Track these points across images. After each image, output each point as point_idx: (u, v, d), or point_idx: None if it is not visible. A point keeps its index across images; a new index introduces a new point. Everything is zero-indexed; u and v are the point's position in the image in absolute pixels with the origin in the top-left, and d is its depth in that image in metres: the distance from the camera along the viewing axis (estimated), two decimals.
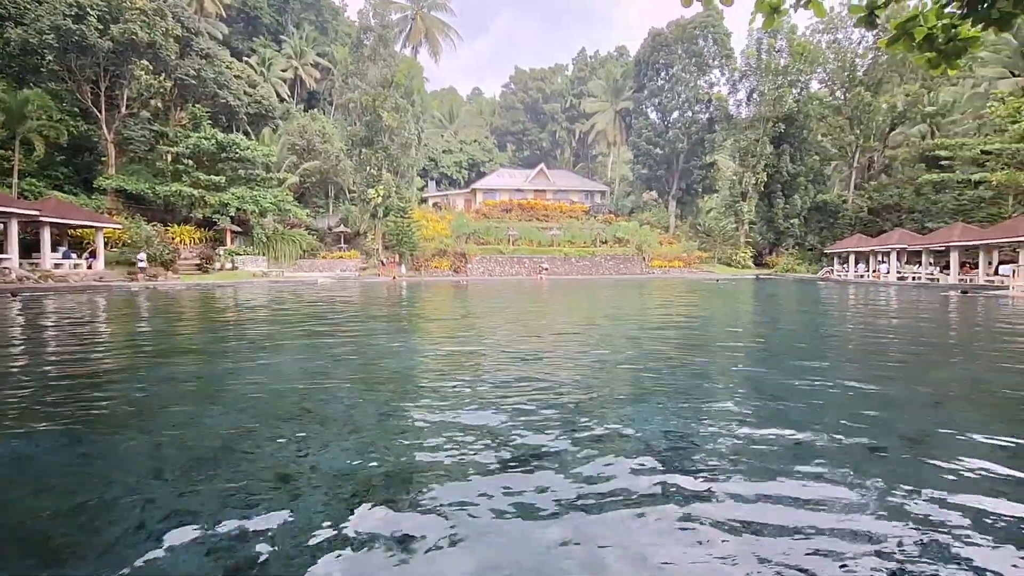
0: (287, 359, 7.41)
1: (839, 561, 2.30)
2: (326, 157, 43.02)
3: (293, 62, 57.55)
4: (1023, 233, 24.85)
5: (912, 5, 3.38)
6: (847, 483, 3.11)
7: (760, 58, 48.66)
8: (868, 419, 4.50)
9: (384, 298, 20.37)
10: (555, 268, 44.73)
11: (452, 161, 66.49)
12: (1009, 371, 6.87)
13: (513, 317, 13.93)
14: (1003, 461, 3.50)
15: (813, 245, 48.57)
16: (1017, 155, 31.81)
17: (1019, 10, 3.45)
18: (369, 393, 5.39)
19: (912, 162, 44.58)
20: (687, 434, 4.03)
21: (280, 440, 3.86)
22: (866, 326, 12.32)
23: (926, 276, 32.56)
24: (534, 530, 2.58)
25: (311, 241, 40.17)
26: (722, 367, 7.13)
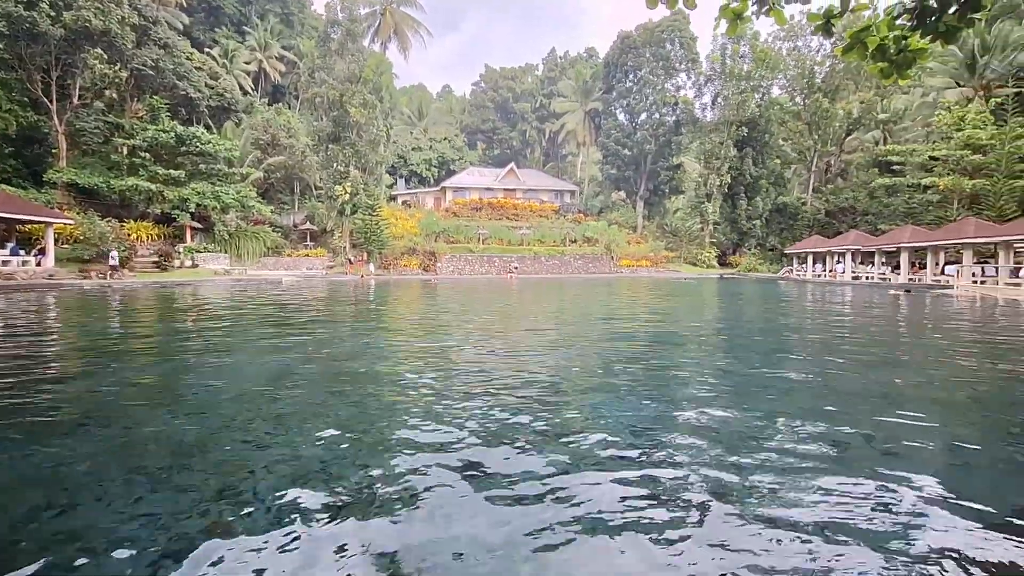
0: (248, 359, 7.23)
1: (795, 544, 2.41)
2: (291, 152, 42.04)
3: (257, 54, 56.00)
4: (966, 235, 26.25)
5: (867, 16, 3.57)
6: (802, 471, 3.24)
7: (724, 63, 49.93)
8: (821, 410, 4.70)
9: (351, 297, 20.06)
10: (525, 267, 44.88)
11: (422, 159, 65.91)
12: (947, 364, 7.26)
13: (483, 315, 13.93)
14: (932, 444, 3.70)
15: (774, 246, 50.17)
16: (961, 161, 33.58)
17: (963, 24, 3.64)
18: (335, 393, 5.31)
19: (866, 167, 46.50)
20: (653, 427, 4.12)
21: (239, 442, 3.78)
22: (818, 323, 12.81)
23: (878, 276, 34.03)
24: (503, 522, 2.61)
25: (276, 238, 39.19)
26: (688, 362, 7.30)
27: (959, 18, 3.55)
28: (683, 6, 3.64)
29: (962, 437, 4.12)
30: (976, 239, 25.83)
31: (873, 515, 2.71)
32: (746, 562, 2.28)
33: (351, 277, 35.58)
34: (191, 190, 33.02)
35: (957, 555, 2.35)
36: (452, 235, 46.88)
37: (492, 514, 2.71)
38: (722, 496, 2.91)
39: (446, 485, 3.03)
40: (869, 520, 2.66)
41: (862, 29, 3.74)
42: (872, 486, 3.05)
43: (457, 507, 2.78)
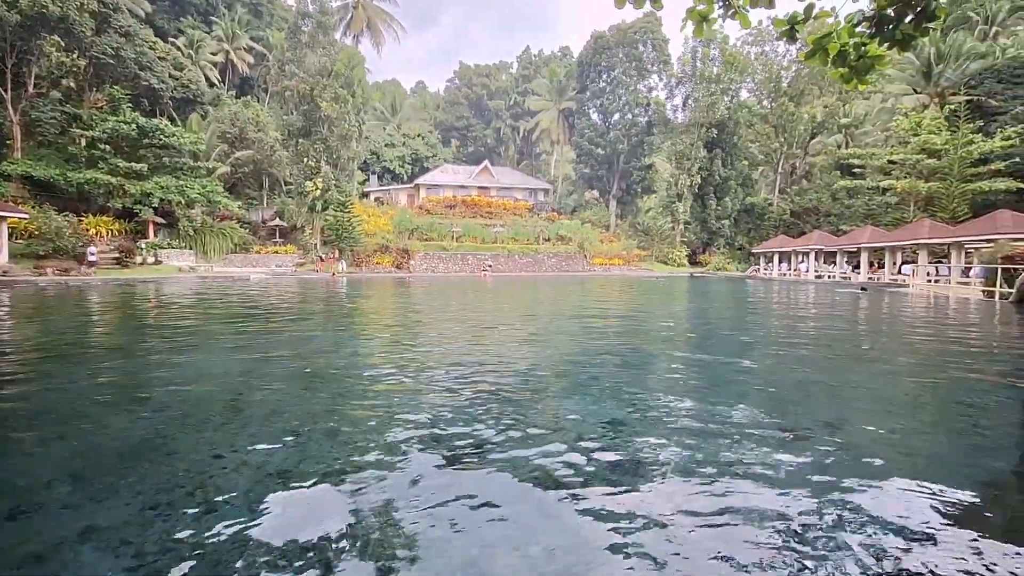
0: (213, 358, 7.08)
1: (755, 535, 2.51)
2: (260, 147, 41.07)
3: (224, 45, 54.44)
4: (921, 236, 27.42)
5: (829, 23, 3.74)
6: (763, 463, 3.36)
7: (695, 66, 50.94)
8: (782, 400, 4.88)
9: (322, 295, 19.76)
10: (499, 265, 44.91)
11: (395, 155, 65.22)
12: (898, 357, 7.61)
13: (457, 313, 13.91)
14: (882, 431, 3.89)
15: (742, 245, 51.45)
16: (917, 165, 35.04)
17: (918, 33, 3.82)
18: (303, 392, 5.24)
19: (829, 169, 48.08)
20: (625, 420, 4.21)
21: (202, 443, 3.70)
22: (782, 321, 13.22)
23: (840, 275, 35.26)
24: (473, 521, 2.64)
25: (243, 235, 38.24)
26: (658, 356, 7.46)
27: (915, 27, 3.73)
28: (650, 6, 3.72)
29: (911, 426, 4.34)
30: (930, 240, 26.99)
31: (834, 508, 2.84)
32: (709, 554, 2.37)
33: (322, 275, 35.01)
34: (154, 184, 31.97)
35: (908, 539, 2.48)
36: (426, 233, 46.57)
37: (463, 514, 2.74)
38: (685, 482, 3.01)
39: (417, 482, 3.04)
40: (835, 516, 2.78)
41: (824, 35, 3.90)
42: (831, 478, 3.19)
43: (431, 507, 2.79)
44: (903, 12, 3.72)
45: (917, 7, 3.70)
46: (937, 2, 3.69)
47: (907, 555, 2.31)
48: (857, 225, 39.49)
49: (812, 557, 2.28)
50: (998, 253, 19.17)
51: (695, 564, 2.24)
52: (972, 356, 7.85)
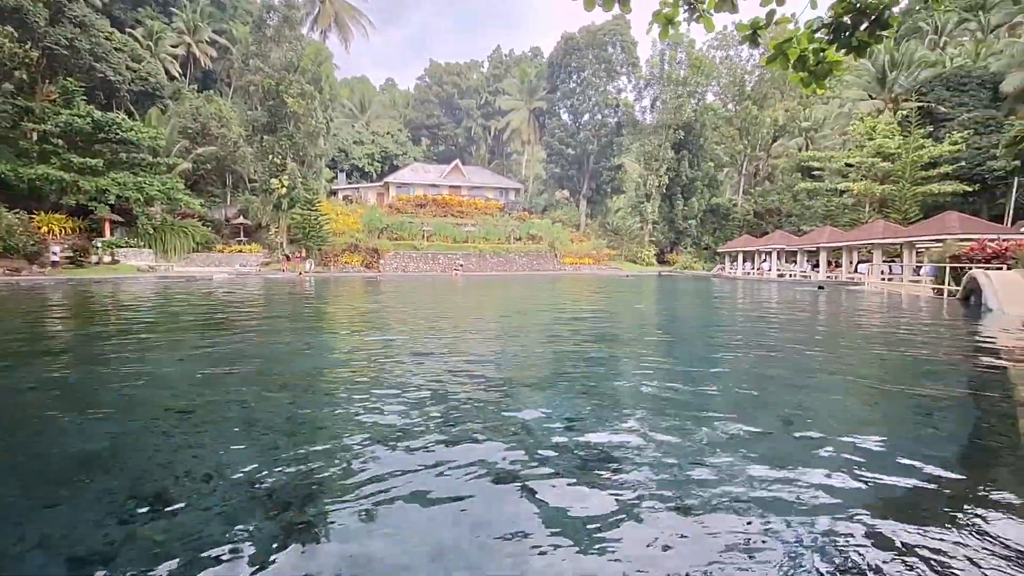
0: (172, 361, 6.86)
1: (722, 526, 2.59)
2: (223, 143, 39.87)
3: (186, 37, 52.65)
4: (876, 236, 28.59)
5: (790, 28, 3.88)
6: (728, 457, 3.46)
7: (663, 68, 51.89)
8: (746, 392, 5.03)
9: (287, 296, 19.35)
10: (470, 265, 44.78)
11: (364, 153, 64.29)
12: (852, 350, 7.93)
13: (427, 312, 13.82)
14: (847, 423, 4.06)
15: (708, 244, 52.67)
16: (872, 168, 36.51)
17: (873, 40, 3.99)
18: (266, 396, 5.12)
19: (790, 171, 49.66)
20: (591, 418, 4.27)
21: (158, 449, 3.58)
22: (743, 316, 13.61)
23: (800, 274, 36.45)
24: (439, 519, 2.64)
25: (205, 233, 37.06)
26: (627, 354, 7.58)
27: (869, 34, 3.90)
28: (619, 9, 3.78)
29: (865, 414, 4.53)
30: (884, 240, 28.16)
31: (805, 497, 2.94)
32: (678, 544, 2.43)
33: (288, 275, 34.26)
34: (110, 180, 30.69)
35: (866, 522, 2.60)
36: (396, 232, 46.06)
37: (435, 514, 2.73)
38: (657, 479, 3.07)
39: (387, 485, 3.02)
40: (802, 511, 2.88)
41: (785, 41, 4.04)
42: (802, 467, 3.31)
43: (400, 508, 2.77)
44: (859, 20, 3.88)
45: (872, 16, 3.87)
46: (890, 11, 3.87)
47: (858, 541, 2.42)
48: (817, 225, 40.88)
49: (771, 549, 2.36)
50: (946, 253, 20.13)
51: (653, 558, 2.29)
52: (919, 347, 8.23)
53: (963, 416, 4.66)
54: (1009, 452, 3.56)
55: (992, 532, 2.45)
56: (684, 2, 4.02)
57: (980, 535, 2.43)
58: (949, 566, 2.18)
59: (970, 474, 3.27)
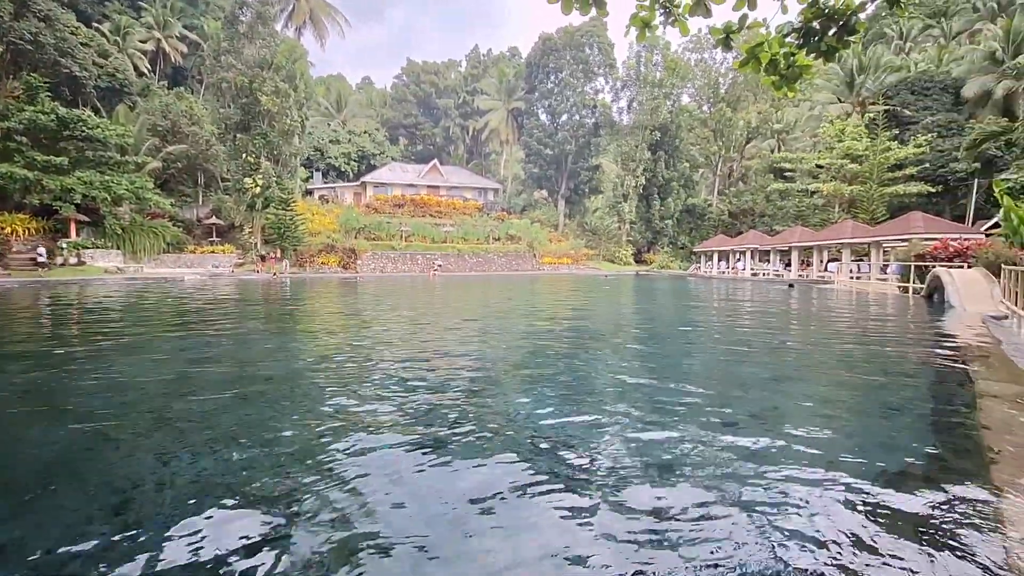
0: (141, 365, 6.70)
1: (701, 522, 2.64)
2: (194, 141, 38.93)
3: (155, 33, 51.19)
4: (845, 236, 29.39)
5: (762, 32, 4.00)
6: (703, 451, 3.54)
7: (639, 70, 52.47)
8: (720, 388, 5.13)
9: (261, 297, 19.02)
10: (449, 265, 44.62)
11: (340, 152, 63.46)
12: (822, 345, 8.16)
13: (405, 313, 13.74)
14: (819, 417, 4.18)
15: (684, 244, 53.46)
16: (842, 169, 37.51)
17: (841, 45, 4.11)
18: (240, 400, 5.04)
19: (763, 172, 50.71)
20: (570, 415, 4.32)
21: (128, 455, 3.50)
22: (718, 313, 13.87)
23: (773, 272, 37.27)
24: (421, 524, 2.64)
25: (176, 233, 36.15)
26: (605, 352, 7.66)
27: (837, 39, 4.02)
28: (596, 11, 3.83)
29: (832, 407, 4.67)
30: (852, 240, 28.97)
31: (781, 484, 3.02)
32: (651, 537, 2.48)
33: (262, 275, 33.64)
34: (76, 179, 29.68)
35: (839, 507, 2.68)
36: (373, 232, 45.62)
37: (405, 519, 2.73)
38: (633, 472, 3.12)
39: (361, 490, 3.00)
40: (778, 497, 2.96)
41: (756, 45, 4.13)
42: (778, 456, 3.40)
43: (378, 515, 2.77)
44: (827, 25, 4.00)
45: (839, 21, 3.99)
46: (857, 17, 3.99)
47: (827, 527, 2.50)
48: (788, 225, 41.83)
49: (750, 543, 2.42)
50: (911, 252, 20.80)
51: (629, 552, 2.34)
52: (885, 343, 8.51)
53: (925, 409, 4.84)
54: (968, 442, 3.71)
55: (948, 518, 2.56)
56: (659, 6, 4.10)
57: (937, 519, 2.54)
58: (908, 550, 2.27)
59: (930, 463, 3.40)
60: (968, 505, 2.68)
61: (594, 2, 3.87)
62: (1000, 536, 2.29)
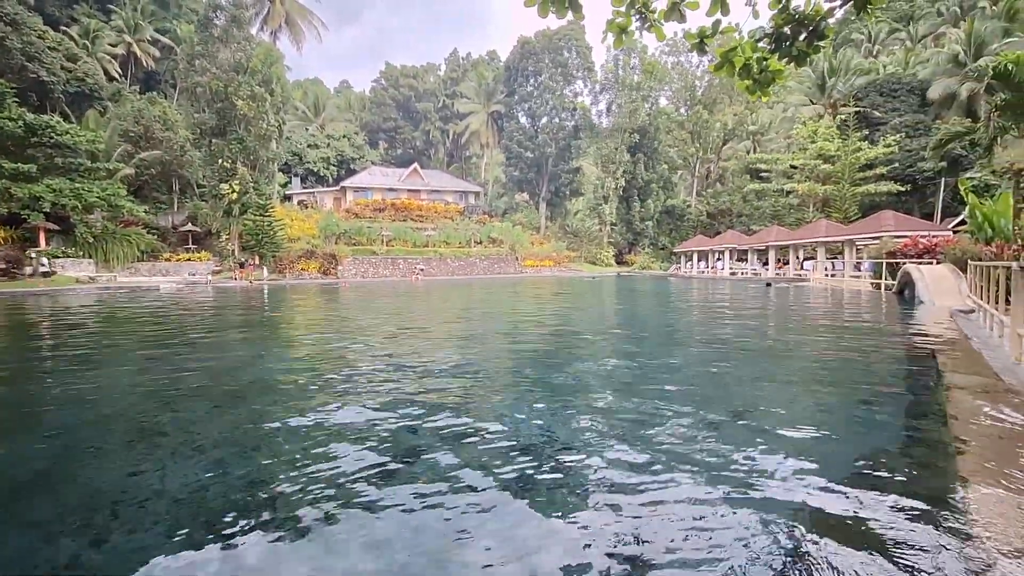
0: (116, 378, 6.57)
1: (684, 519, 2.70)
2: (168, 146, 38.15)
3: (125, 36, 50.13)
4: (819, 235, 30.06)
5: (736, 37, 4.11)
6: (685, 447, 3.61)
7: (617, 73, 53.04)
8: (702, 385, 5.23)
9: (240, 305, 18.74)
10: (431, 269, 44.45)
11: (319, 156, 62.81)
12: (802, 340, 8.35)
13: (390, 319, 13.66)
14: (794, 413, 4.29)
15: (664, 245, 54.10)
16: (815, 170, 38.38)
17: (811, 50, 4.23)
18: (217, 412, 4.96)
19: (740, 173, 51.59)
20: (556, 413, 4.36)
21: (103, 470, 3.43)
22: (699, 312, 14.09)
23: (751, 271, 37.91)
24: (408, 530, 2.65)
25: (151, 241, 35.37)
26: (589, 352, 7.73)
27: (807, 44, 4.14)
28: (572, 15, 3.89)
29: (809, 401, 4.80)
30: (827, 238, 29.65)
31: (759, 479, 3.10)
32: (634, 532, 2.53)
33: (241, 283, 33.12)
34: (45, 187, 28.87)
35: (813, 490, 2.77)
36: (354, 237, 45.22)
37: (393, 526, 2.74)
38: (616, 472, 3.18)
39: (343, 501, 3.00)
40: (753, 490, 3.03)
41: (730, 49, 4.24)
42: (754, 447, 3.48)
43: (358, 528, 2.77)
44: (797, 31, 4.11)
45: (809, 26, 4.11)
46: (826, 22, 4.12)
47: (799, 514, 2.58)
48: (765, 225, 42.62)
49: (729, 538, 2.49)
50: (883, 249, 21.37)
51: (614, 545, 2.38)
52: (858, 338, 8.74)
53: (897, 401, 5.00)
54: (936, 432, 3.84)
55: (915, 506, 2.66)
56: (635, 12, 4.18)
57: (906, 507, 2.63)
58: (881, 537, 2.36)
59: (901, 453, 3.52)
60: (935, 493, 2.79)
61: (570, 6, 3.94)
62: (965, 523, 2.39)
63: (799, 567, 2.15)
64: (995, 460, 2.89)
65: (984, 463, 2.88)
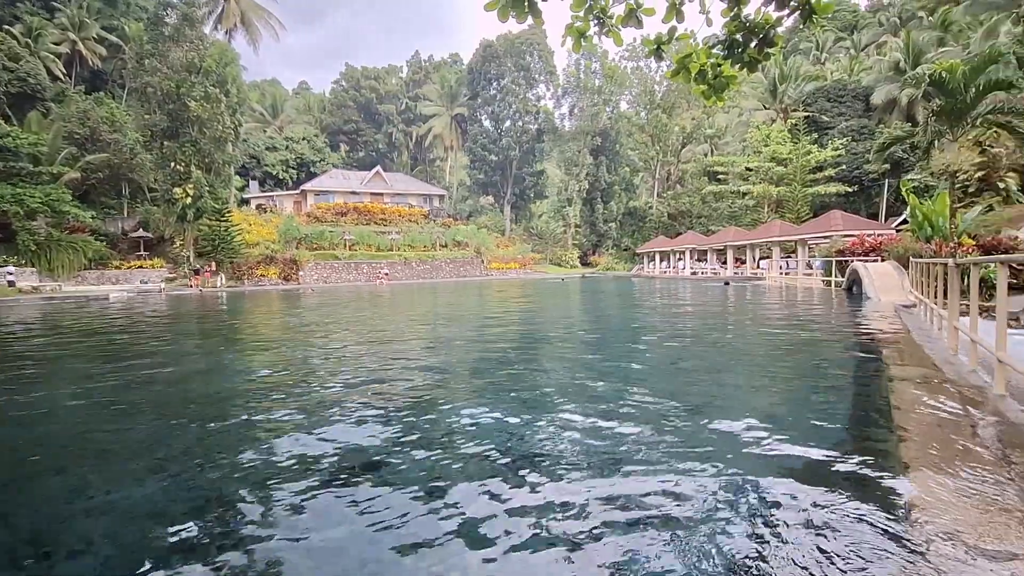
0: (61, 392, 6.25)
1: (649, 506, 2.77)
2: (117, 149, 36.50)
3: (70, 34, 47.64)
4: (774, 235, 31.18)
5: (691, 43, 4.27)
6: (649, 442, 3.70)
7: (579, 77, 53.76)
8: (664, 382, 5.36)
9: (193, 314, 18.10)
10: (396, 273, 43.95)
11: (278, 159, 61.22)
12: (758, 334, 8.66)
13: (355, 324, 13.45)
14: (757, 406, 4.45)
15: (628, 246, 55.06)
16: (769, 172, 39.84)
17: (762, 57, 4.40)
18: (170, 424, 4.78)
19: (698, 175, 53.00)
20: (524, 416, 4.39)
21: (50, 486, 3.28)
22: (662, 310, 14.41)
23: (711, 271, 38.98)
24: (371, 540, 2.63)
25: (99, 248, 33.73)
26: (556, 351, 7.80)
27: (759, 51, 4.30)
28: (532, 20, 3.94)
29: (765, 394, 4.98)
30: (781, 238, 30.77)
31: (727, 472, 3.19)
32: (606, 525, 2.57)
33: (196, 290, 31.95)
34: None
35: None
36: (315, 241, 44.24)
37: (354, 532, 2.71)
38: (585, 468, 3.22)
39: (308, 511, 2.94)
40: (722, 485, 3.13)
41: (685, 56, 4.37)
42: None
43: (324, 538, 2.72)
44: (749, 38, 4.27)
45: (760, 34, 4.27)
46: (775, 30, 4.29)
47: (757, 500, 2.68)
48: (723, 226, 43.92)
49: (695, 531, 2.56)
50: (833, 248, 22.34)
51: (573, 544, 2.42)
52: (810, 333, 9.12)
53: (845, 392, 5.25)
54: (882, 421, 4.05)
55: (862, 491, 2.80)
56: (594, 17, 4.26)
57: (853, 492, 2.77)
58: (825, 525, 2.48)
59: (849, 441, 3.70)
60: (880, 479, 2.94)
61: (530, 11, 3.98)
62: (906, 507, 2.53)
63: (750, 550, 2.23)
64: (935, 447, 3.07)
65: (925, 450, 3.05)
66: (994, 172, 21.70)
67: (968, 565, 1.88)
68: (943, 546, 2.03)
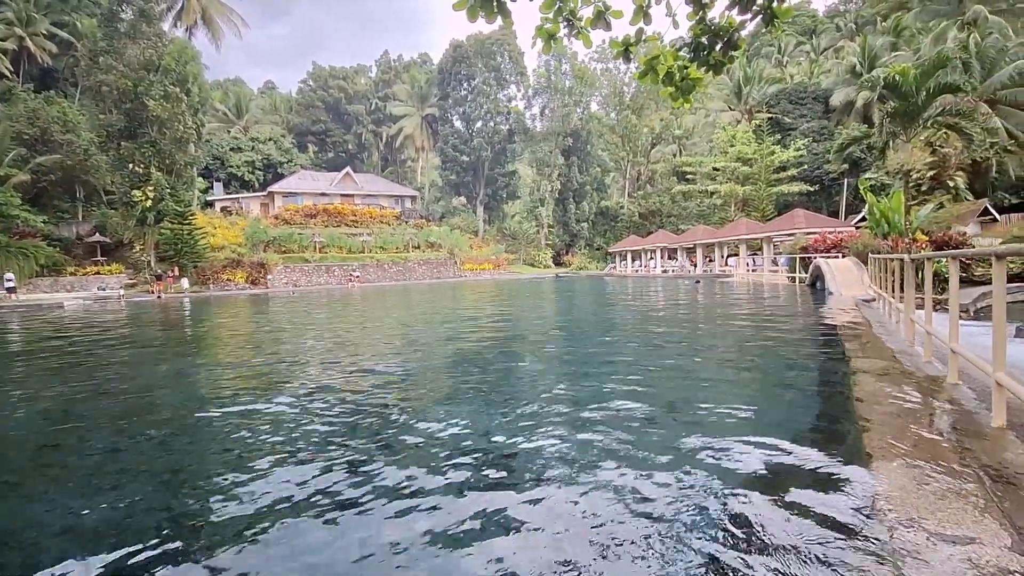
0: (10, 406, 5.98)
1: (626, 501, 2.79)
2: (70, 150, 35.02)
3: (17, 30, 45.47)
4: (741, 233, 31.97)
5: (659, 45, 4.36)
6: (625, 442, 3.74)
7: (550, 78, 54.07)
8: (636, 380, 5.43)
9: (154, 322, 17.52)
10: (368, 275, 43.38)
11: (243, 160, 59.69)
12: (725, 328, 8.86)
13: (323, 328, 13.22)
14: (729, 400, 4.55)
15: (600, 245, 55.66)
16: (735, 172, 40.82)
17: (726, 60, 4.49)
18: (130, 437, 4.59)
19: (668, 175, 53.93)
20: (498, 418, 4.38)
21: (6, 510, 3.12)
22: (635, 308, 14.61)
23: (681, 269, 39.71)
24: (344, 541, 2.59)
25: (52, 254, 32.30)
26: (530, 351, 7.82)
27: (723, 54, 4.40)
28: (503, 21, 3.94)
29: (733, 388, 5.09)
30: (747, 236, 31.57)
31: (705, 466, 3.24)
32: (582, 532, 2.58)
33: (160, 296, 30.91)
34: None
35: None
36: (284, 244, 43.30)
37: (340, 537, 2.66)
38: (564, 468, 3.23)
39: (267, 522, 2.88)
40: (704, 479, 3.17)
41: (653, 58, 4.44)
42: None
43: (297, 547, 2.67)
44: (714, 41, 4.37)
45: (724, 37, 4.37)
46: (738, 34, 4.39)
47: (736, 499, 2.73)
48: (692, 224, 44.81)
49: (670, 526, 2.59)
50: (796, 245, 23.02)
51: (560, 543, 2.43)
52: (775, 328, 9.37)
53: (810, 385, 5.40)
54: (844, 412, 4.18)
55: (826, 481, 2.89)
56: (563, 19, 4.29)
57: (817, 483, 2.85)
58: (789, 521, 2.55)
59: (814, 433, 3.81)
60: (844, 468, 3.04)
61: (499, 11, 3.98)
62: (869, 495, 2.62)
63: (717, 547, 2.27)
64: (895, 437, 3.18)
65: (886, 439, 3.16)
66: (944, 171, 22.71)
67: (930, 551, 1.96)
68: (906, 532, 2.10)
